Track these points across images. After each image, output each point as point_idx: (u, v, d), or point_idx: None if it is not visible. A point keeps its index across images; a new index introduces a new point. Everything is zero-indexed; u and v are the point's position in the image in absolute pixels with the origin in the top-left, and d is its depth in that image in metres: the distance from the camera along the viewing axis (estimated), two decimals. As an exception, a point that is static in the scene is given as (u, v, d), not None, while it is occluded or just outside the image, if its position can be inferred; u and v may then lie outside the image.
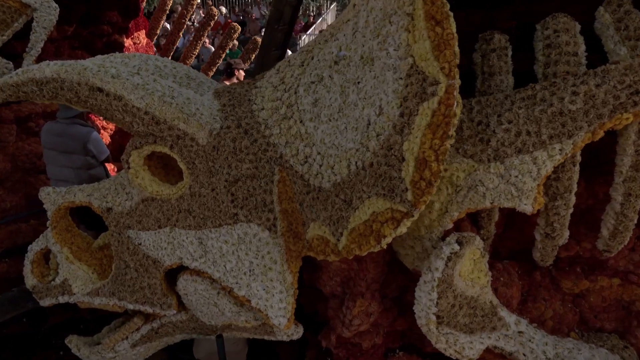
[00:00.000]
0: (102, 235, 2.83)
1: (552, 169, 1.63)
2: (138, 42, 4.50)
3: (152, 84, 2.11)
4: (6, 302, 3.35)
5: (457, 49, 1.51)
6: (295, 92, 2.14)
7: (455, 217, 1.78)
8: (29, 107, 3.40)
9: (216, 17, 5.11)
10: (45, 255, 2.86)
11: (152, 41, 4.82)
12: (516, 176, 1.62)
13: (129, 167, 2.21)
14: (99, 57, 2.33)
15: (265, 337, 2.42)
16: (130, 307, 2.50)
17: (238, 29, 5.28)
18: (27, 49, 2.98)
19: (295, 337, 2.32)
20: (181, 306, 2.49)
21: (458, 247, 1.77)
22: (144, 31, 4.53)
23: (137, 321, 2.65)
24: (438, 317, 1.91)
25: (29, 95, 2.07)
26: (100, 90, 2.03)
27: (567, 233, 1.87)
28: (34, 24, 2.94)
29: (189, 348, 3.18)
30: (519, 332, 1.98)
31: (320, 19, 14.73)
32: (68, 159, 3.12)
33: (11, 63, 2.89)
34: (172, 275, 2.41)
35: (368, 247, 1.74)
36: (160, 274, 2.35)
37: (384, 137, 1.68)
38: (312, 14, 15.46)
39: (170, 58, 5.42)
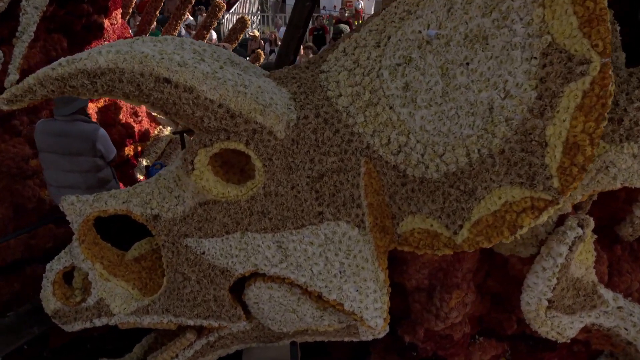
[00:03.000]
0: (137, 245, 2.51)
1: None
2: (115, 22, 3.99)
3: (221, 72, 1.85)
4: (6, 331, 2.90)
5: (609, 25, 1.43)
6: (378, 76, 1.96)
7: (578, 200, 1.73)
8: (10, 102, 2.88)
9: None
10: (65, 274, 2.49)
11: (125, 20, 4.31)
12: None
13: (193, 168, 1.94)
14: (131, 40, 1.99)
15: (346, 339, 2.28)
16: (190, 322, 2.25)
17: (223, 6, 4.88)
18: (17, 34, 2.50)
19: (380, 336, 2.20)
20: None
21: (582, 231, 1.73)
22: (120, 10, 4.03)
23: (189, 336, 2.39)
24: (550, 302, 1.88)
25: (77, 90, 1.72)
26: (167, 81, 1.74)
27: None
28: (24, 2, 2.47)
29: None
30: (618, 307, 2.01)
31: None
32: (73, 162, 2.71)
33: (1, 51, 2.41)
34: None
35: (499, 238, 1.65)
36: (228, 285, 2.11)
37: (516, 122, 1.58)
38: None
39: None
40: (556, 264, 1.75)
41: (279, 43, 11.05)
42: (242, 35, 5.07)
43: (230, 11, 13.20)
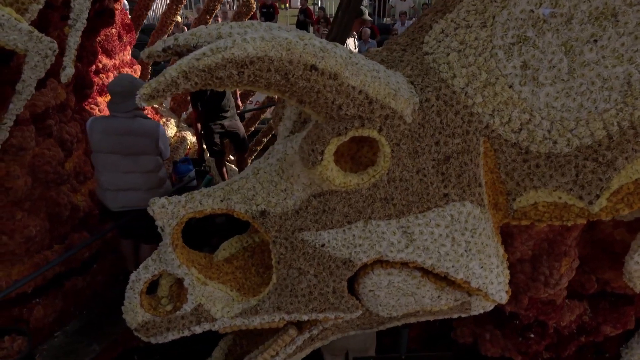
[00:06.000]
0: (226, 245, 2.38)
1: None
2: (119, 7, 3.66)
3: (354, 57, 1.78)
4: (61, 353, 2.64)
5: None
6: (492, 56, 1.99)
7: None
8: (42, 99, 2.58)
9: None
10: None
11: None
12: None
13: (322, 159, 1.86)
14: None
15: (454, 316, 2.33)
16: (305, 317, 2.19)
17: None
18: (70, 22, 2.21)
19: (489, 309, 2.28)
20: (355, 305, 2.25)
21: None
22: (122, -6, 3.70)
23: (292, 332, 2.33)
24: None
25: (223, 81, 1.57)
26: (314, 68, 1.64)
27: None
28: (75, -13, 2.19)
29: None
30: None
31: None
32: (136, 162, 2.47)
33: (55, 42, 2.13)
34: None
35: (640, 204, 1.77)
36: (350, 275, 2.08)
37: (660, 94, 1.69)
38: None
39: (141, 25, 4.54)
40: None
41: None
42: (246, 19, 4.86)
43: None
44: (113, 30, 3.56)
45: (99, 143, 2.46)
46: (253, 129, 5.41)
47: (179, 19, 10.17)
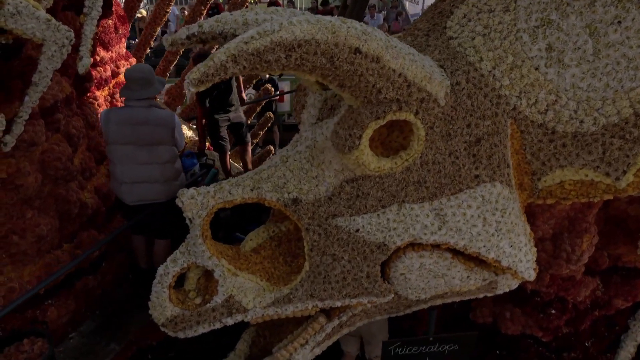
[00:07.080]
0: (252, 235, 2.35)
1: None
2: (113, -1, 3.54)
3: (392, 40, 1.79)
4: (79, 354, 2.56)
5: None
6: (517, 39, 2.04)
7: None
8: (50, 92, 2.47)
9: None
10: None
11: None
12: None
13: (359, 144, 1.86)
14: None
15: (480, 296, 2.38)
16: (338, 303, 2.19)
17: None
18: (85, 10, 2.13)
19: (514, 287, 2.34)
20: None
21: None
22: (117, -15, 3.58)
23: (321, 320, 2.33)
24: None
25: (271, 65, 1.55)
26: (358, 51, 1.64)
27: None
28: (89, -27, 2.10)
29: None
30: None
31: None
32: (152, 152, 2.41)
33: (72, 31, 2.04)
34: None
35: (667, 178, 1.85)
36: (384, 259, 2.09)
37: (684, 72, 1.76)
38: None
39: (134, 17, 4.39)
40: None
41: (170, 23, 10.36)
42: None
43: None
44: (110, 21, 3.44)
45: (115, 134, 2.39)
46: (249, 122, 5.36)
47: (144, 12, 9.90)
